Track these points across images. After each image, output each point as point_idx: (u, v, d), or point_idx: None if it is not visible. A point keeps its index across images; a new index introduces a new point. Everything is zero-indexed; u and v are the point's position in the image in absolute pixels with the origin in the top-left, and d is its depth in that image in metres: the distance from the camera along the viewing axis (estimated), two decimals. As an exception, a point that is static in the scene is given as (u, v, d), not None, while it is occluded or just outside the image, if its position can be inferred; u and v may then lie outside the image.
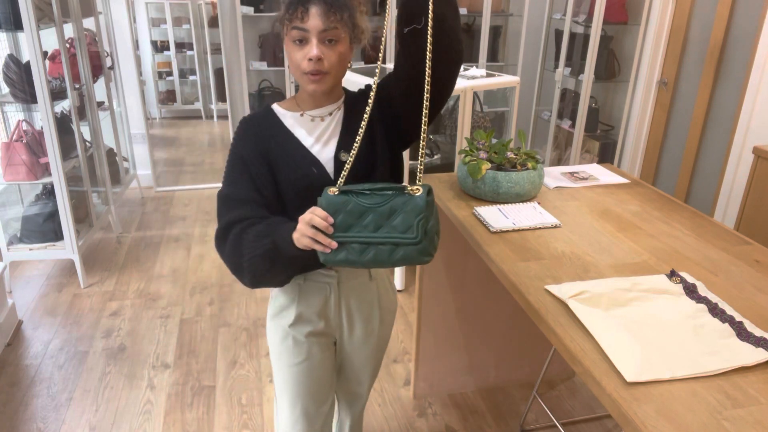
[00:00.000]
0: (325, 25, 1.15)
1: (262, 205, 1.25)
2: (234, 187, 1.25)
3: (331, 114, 1.30)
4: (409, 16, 1.18)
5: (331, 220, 1.10)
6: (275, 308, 1.40)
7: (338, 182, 1.16)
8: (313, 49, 1.16)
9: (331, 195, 1.11)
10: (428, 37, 1.15)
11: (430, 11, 1.13)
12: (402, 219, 1.07)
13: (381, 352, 1.55)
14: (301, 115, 1.29)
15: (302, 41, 1.17)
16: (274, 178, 1.25)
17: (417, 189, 1.09)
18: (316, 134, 1.28)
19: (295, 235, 1.13)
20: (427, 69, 1.15)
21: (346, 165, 1.19)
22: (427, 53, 1.15)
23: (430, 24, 1.14)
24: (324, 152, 1.28)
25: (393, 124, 1.29)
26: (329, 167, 1.27)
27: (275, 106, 1.32)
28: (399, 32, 1.22)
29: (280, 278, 1.29)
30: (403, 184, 1.16)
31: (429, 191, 1.10)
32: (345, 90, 1.34)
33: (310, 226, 1.10)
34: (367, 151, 1.26)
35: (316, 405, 1.45)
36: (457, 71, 1.24)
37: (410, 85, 1.22)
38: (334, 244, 1.09)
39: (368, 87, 1.31)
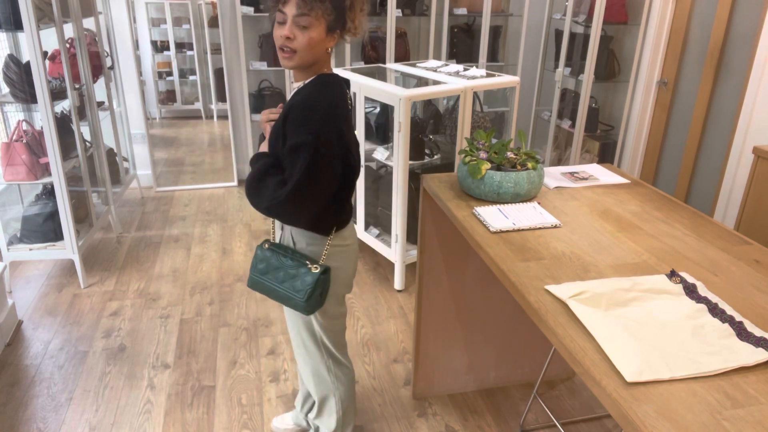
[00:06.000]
0: (299, 11, 1.40)
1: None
2: None
3: (297, 89, 1.56)
4: None
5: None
6: None
7: (271, 236, 1.73)
8: (286, 29, 1.43)
9: (265, 248, 1.63)
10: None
11: None
12: (300, 283, 1.56)
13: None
14: (292, 82, 1.60)
15: (282, 22, 1.44)
16: None
17: (316, 267, 1.56)
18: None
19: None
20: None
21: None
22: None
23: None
24: None
25: None
26: None
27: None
28: None
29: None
30: (311, 260, 1.59)
31: (324, 271, 1.56)
32: (322, 75, 1.51)
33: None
34: (276, 129, 1.54)
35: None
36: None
37: None
38: None
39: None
